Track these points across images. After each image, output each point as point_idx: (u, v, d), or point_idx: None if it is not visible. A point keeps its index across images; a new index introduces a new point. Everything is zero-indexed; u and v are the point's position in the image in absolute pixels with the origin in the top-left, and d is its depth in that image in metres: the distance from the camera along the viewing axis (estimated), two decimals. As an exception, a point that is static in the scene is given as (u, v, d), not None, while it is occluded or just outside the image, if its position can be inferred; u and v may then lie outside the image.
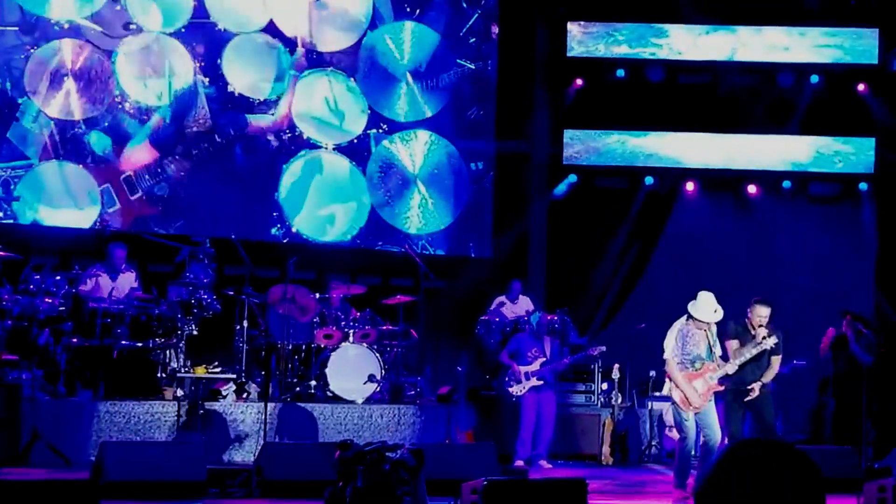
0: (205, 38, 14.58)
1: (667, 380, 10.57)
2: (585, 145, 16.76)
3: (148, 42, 14.22)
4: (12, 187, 13.55)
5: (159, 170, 14.22)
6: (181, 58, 14.41)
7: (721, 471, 3.34)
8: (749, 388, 10.62)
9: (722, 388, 10.34)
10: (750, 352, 10.40)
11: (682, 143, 16.78)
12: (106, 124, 13.98)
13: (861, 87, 16.45)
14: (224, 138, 14.62)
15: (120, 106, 14.04)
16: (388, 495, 7.27)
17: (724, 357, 10.46)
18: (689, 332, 10.28)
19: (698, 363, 10.27)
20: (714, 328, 10.41)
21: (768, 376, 10.74)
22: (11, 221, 13.54)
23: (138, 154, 14.12)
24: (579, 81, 16.62)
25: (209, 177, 14.56)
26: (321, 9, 15.28)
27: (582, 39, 16.63)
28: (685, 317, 10.33)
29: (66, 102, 13.80)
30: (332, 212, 15.29)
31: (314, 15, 15.22)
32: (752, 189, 16.86)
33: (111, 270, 12.48)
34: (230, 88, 14.67)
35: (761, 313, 10.50)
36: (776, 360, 10.73)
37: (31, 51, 13.69)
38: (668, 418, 13.58)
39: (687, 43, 16.64)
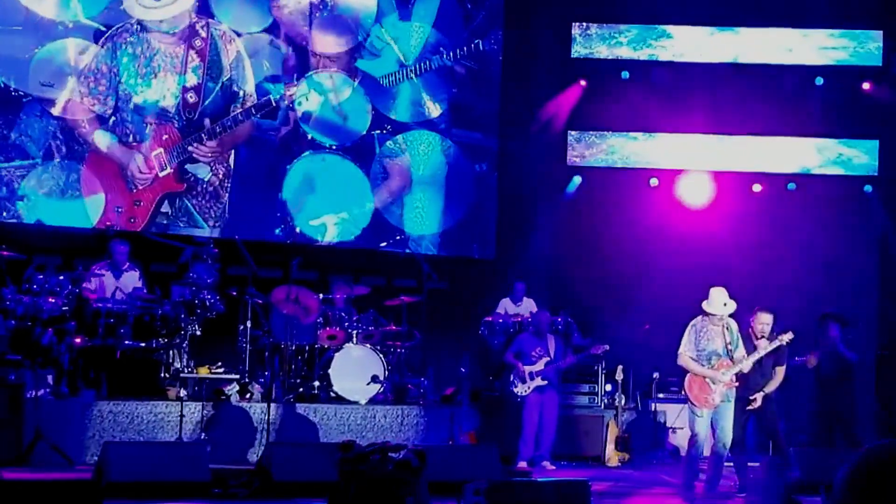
0: (208, 38, 14.57)
1: (685, 379, 10.60)
2: (589, 146, 16.74)
3: (152, 41, 14.22)
4: (16, 187, 13.55)
5: (187, 147, 14.28)
6: (226, 56, 14.43)
7: (858, 477, 3.12)
8: (752, 398, 10.62)
9: (736, 384, 10.37)
10: (765, 349, 10.43)
11: (686, 144, 16.75)
12: (110, 123, 13.98)
13: (866, 85, 16.42)
14: (227, 137, 14.61)
15: (124, 104, 14.02)
16: (390, 496, 7.25)
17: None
18: (704, 328, 10.37)
19: (714, 359, 10.31)
20: (734, 326, 10.45)
21: (771, 386, 10.75)
22: (15, 221, 13.54)
23: (169, 134, 14.19)
24: (583, 82, 16.62)
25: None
26: (324, 9, 15.28)
27: (586, 40, 16.62)
28: (701, 315, 10.44)
29: (71, 101, 13.80)
30: (334, 212, 15.27)
31: (317, 15, 15.22)
32: (756, 189, 16.84)
33: (114, 269, 12.49)
34: (234, 88, 14.66)
35: (764, 321, 10.54)
36: (780, 371, 10.74)
37: (36, 50, 13.69)
38: (671, 419, 13.58)
39: (691, 44, 16.62)
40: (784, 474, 6.87)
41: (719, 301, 10.35)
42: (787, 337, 10.43)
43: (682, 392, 10.72)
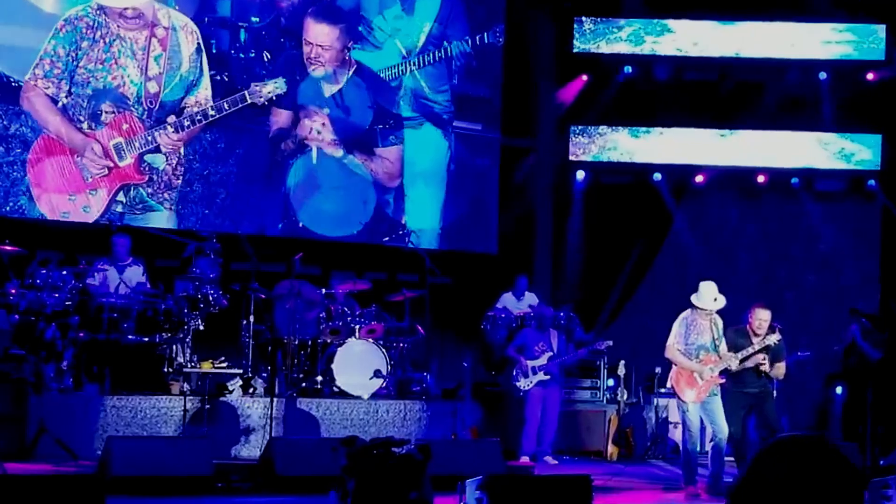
0: (211, 31, 14.54)
1: (671, 372, 10.63)
2: (591, 141, 16.75)
3: (112, 26, 13.92)
4: (19, 181, 13.52)
5: (149, 138, 14.09)
6: (186, 47, 14.36)
7: (757, 470, 3.29)
8: (762, 361, 10.49)
9: (723, 381, 10.40)
10: (754, 348, 10.43)
11: (688, 139, 16.75)
12: (59, 105, 13.75)
13: (870, 76, 16.41)
14: (230, 133, 14.58)
15: (79, 89, 13.76)
16: (393, 491, 7.28)
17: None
18: (694, 322, 10.40)
19: (702, 353, 10.35)
20: (720, 322, 10.47)
21: (779, 375, 10.71)
22: (18, 216, 13.51)
23: (129, 123, 14.03)
24: (584, 77, 16.62)
25: (214, 171, 14.52)
26: (326, 4, 15.24)
27: (587, 35, 16.61)
28: (690, 308, 10.45)
29: (72, 94, 13.73)
30: (337, 207, 15.27)
31: (320, 10, 15.19)
32: (758, 185, 16.84)
33: (116, 263, 12.50)
34: (191, 80, 14.46)
35: (761, 317, 10.53)
36: (780, 367, 10.71)
37: (39, 45, 13.62)
38: (674, 415, 13.60)
39: (692, 38, 16.60)
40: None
41: (709, 296, 10.37)
42: (773, 338, 10.41)
43: (669, 385, 10.77)
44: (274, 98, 14.44)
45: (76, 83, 13.71)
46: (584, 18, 16.59)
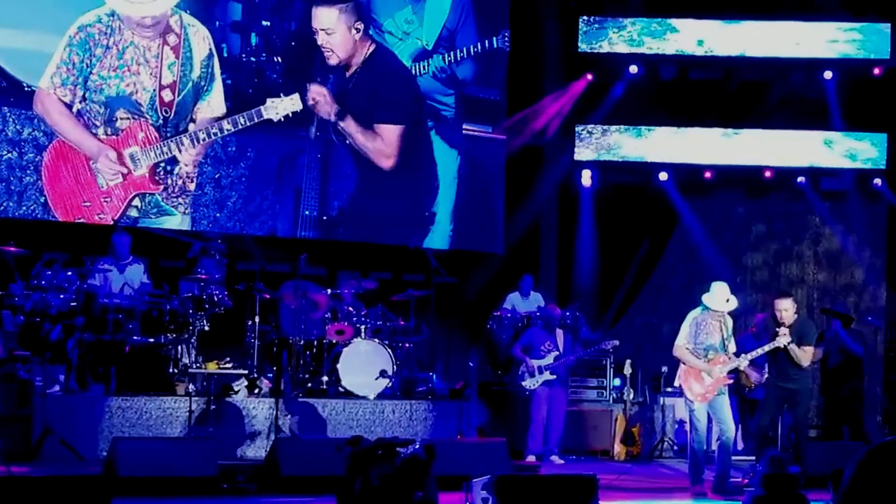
0: (223, 35, 14.53)
1: (679, 371, 10.62)
2: (596, 140, 16.72)
3: (125, 32, 13.94)
4: (31, 185, 13.49)
5: (165, 149, 14.06)
6: (198, 52, 14.35)
7: (866, 472, 3.20)
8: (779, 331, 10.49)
9: (731, 381, 10.39)
10: (763, 348, 10.43)
11: (693, 138, 16.72)
12: (74, 111, 13.75)
13: (877, 70, 16.37)
14: (238, 132, 14.56)
15: (94, 95, 13.77)
16: (398, 491, 7.26)
17: (737, 353, 10.52)
18: (704, 322, 10.38)
19: (711, 353, 10.33)
20: (730, 322, 10.46)
21: (804, 360, 10.67)
22: (26, 217, 13.49)
23: (145, 132, 13.98)
24: (589, 76, 16.60)
25: (225, 174, 14.51)
26: (335, 3, 15.21)
27: (592, 34, 16.58)
28: (700, 307, 10.43)
29: (86, 100, 13.72)
30: (344, 206, 15.25)
31: (328, 8, 15.16)
32: (764, 184, 16.81)
33: (118, 262, 12.49)
34: (202, 86, 14.44)
35: (782, 307, 10.56)
36: (807, 350, 10.69)
37: (50, 49, 13.59)
38: (681, 413, 13.58)
39: (698, 38, 16.56)
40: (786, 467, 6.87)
41: (722, 297, 10.35)
42: (783, 340, 10.40)
43: (677, 384, 10.75)
44: (290, 115, 14.32)
45: (90, 89, 13.68)
46: (589, 18, 16.54)
